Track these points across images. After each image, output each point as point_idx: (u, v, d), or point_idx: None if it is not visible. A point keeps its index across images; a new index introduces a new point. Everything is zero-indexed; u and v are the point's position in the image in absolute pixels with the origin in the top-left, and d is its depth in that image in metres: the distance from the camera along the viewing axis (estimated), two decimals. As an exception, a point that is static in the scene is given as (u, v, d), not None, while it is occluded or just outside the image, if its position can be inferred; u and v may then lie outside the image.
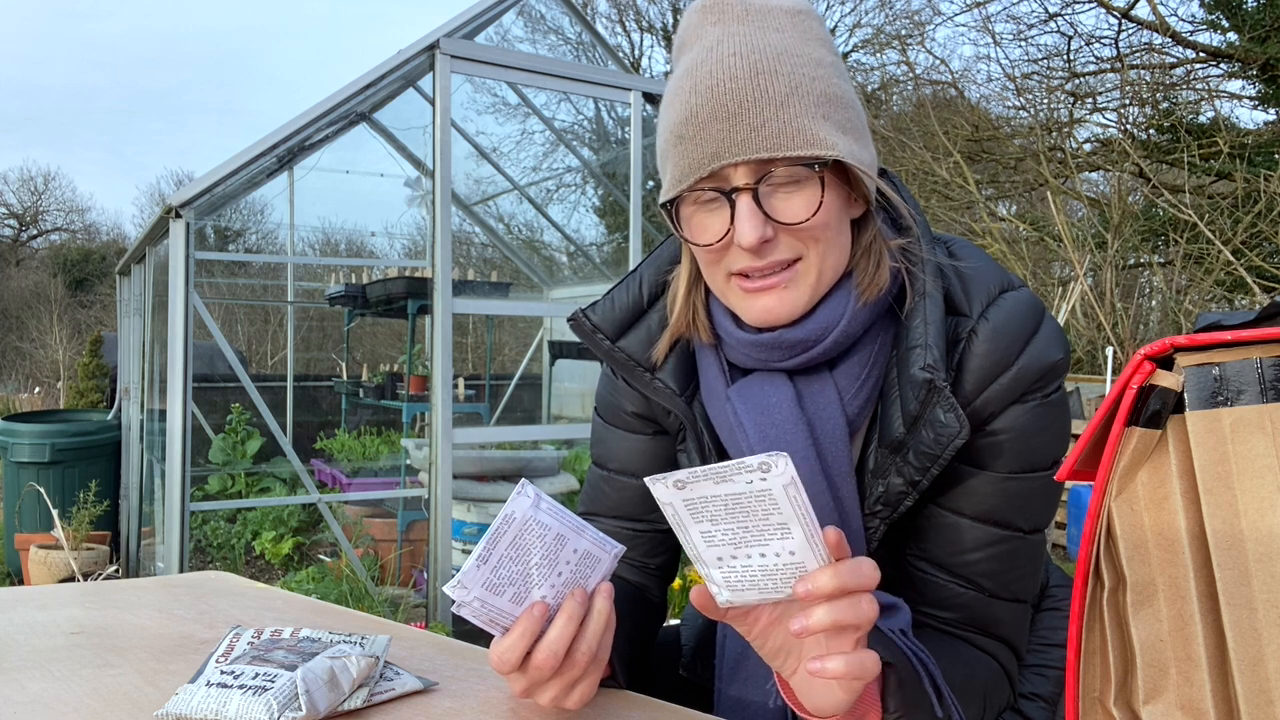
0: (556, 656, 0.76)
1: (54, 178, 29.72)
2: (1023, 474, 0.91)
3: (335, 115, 3.59)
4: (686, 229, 0.90)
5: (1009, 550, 0.92)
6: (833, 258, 0.89)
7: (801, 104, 0.83)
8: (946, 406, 0.86)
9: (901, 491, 0.91)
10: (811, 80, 0.85)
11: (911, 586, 0.96)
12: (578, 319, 1.03)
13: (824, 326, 0.90)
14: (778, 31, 0.86)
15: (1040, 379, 0.90)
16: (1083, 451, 0.65)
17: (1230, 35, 10.39)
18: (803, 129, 0.83)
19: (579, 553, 0.77)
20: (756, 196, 0.85)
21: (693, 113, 0.85)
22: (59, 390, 12.16)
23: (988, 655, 0.94)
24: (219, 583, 1.30)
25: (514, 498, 0.73)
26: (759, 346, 0.92)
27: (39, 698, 0.84)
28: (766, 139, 0.82)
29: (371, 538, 4.59)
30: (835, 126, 0.85)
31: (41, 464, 5.09)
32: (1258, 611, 0.57)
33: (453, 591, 0.74)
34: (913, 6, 13.34)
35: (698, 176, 0.85)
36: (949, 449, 0.86)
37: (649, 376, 1.00)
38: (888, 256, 0.92)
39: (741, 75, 0.83)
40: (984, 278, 0.93)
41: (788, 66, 0.84)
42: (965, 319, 0.90)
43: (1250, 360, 0.58)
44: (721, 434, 0.97)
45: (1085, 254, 9.15)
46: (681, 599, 3.48)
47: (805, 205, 0.85)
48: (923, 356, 0.87)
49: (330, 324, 10.62)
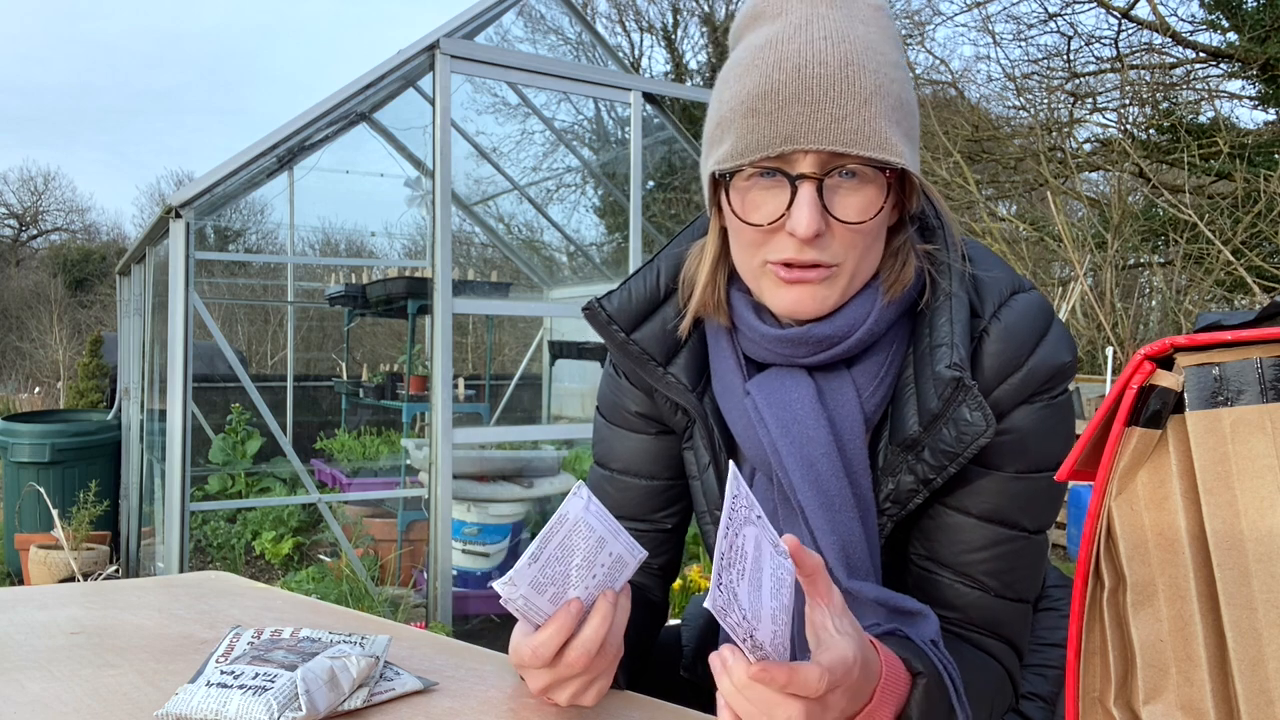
0: (590, 655, 0.77)
1: (54, 178, 29.74)
2: (1029, 474, 0.91)
3: (335, 115, 3.59)
4: (738, 204, 0.88)
5: (1014, 550, 0.92)
6: (869, 263, 0.89)
7: (883, 104, 0.82)
8: (974, 405, 0.85)
9: (912, 490, 0.90)
10: (891, 82, 0.83)
11: (916, 586, 0.96)
12: (593, 309, 1.01)
13: (851, 323, 0.89)
14: (864, 24, 0.85)
15: (1049, 380, 0.90)
16: (1083, 451, 0.65)
17: (1230, 35, 10.39)
18: (879, 130, 0.82)
19: (613, 556, 0.77)
20: (820, 187, 0.83)
21: (774, 88, 0.82)
22: (59, 390, 12.16)
23: (991, 657, 0.94)
24: (219, 583, 1.30)
25: (570, 498, 0.74)
26: (784, 342, 0.91)
27: (39, 698, 0.84)
28: (846, 133, 0.81)
29: (371, 538, 4.59)
30: (903, 134, 0.84)
31: (41, 464, 5.09)
32: (1258, 611, 0.57)
33: (502, 589, 0.74)
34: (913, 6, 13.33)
35: (765, 154, 0.83)
36: (971, 447, 0.86)
37: (661, 370, 0.99)
38: (914, 258, 0.92)
39: (831, 62, 0.81)
40: (996, 279, 0.93)
41: (874, 63, 0.83)
42: (978, 319, 0.91)
43: (1250, 360, 0.58)
44: (735, 429, 0.96)
45: (1085, 254, 9.15)
46: (682, 599, 3.48)
47: (864, 206, 0.84)
48: (949, 355, 0.86)
49: (330, 324, 10.62)
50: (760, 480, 0.97)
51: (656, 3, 15.99)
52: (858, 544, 0.90)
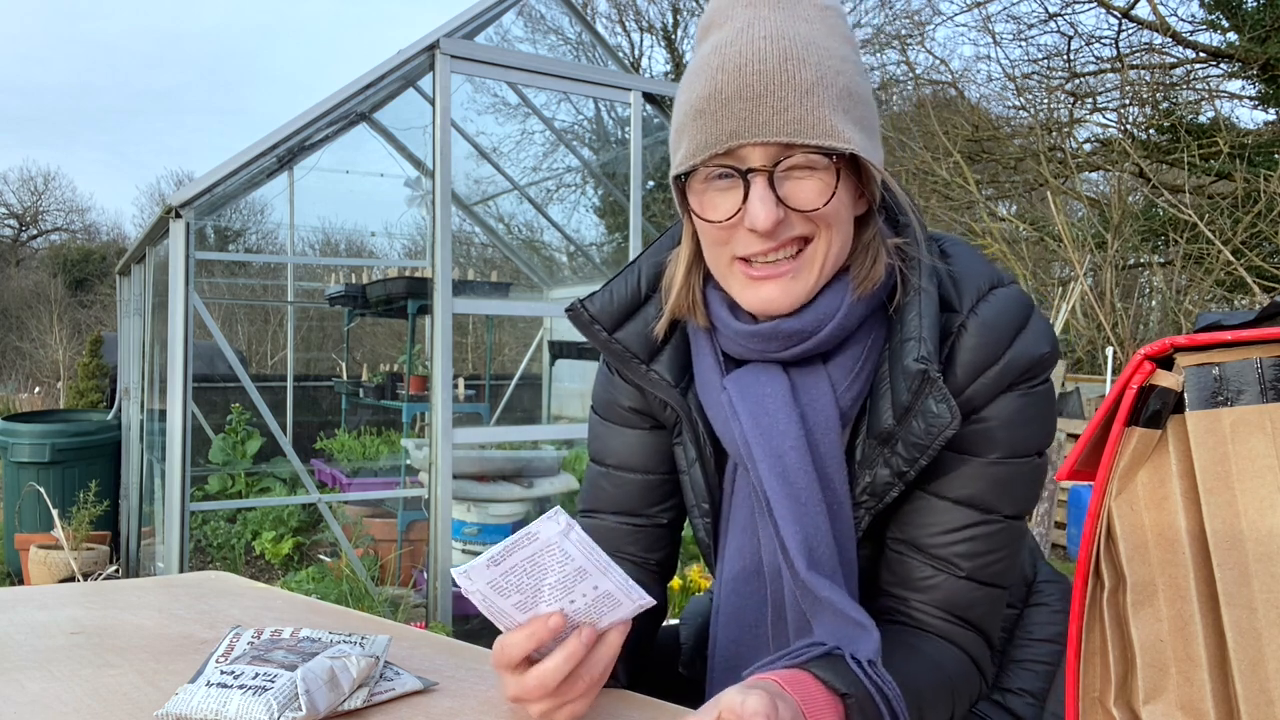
0: (545, 688, 0.77)
1: (54, 178, 29.69)
2: (1007, 460, 0.92)
3: (335, 115, 3.59)
4: (697, 205, 0.91)
5: (988, 533, 0.93)
6: (838, 246, 0.90)
7: (825, 94, 0.84)
8: (939, 397, 0.87)
9: (888, 483, 0.92)
10: (836, 74, 0.86)
11: (888, 568, 0.96)
12: (576, 310, 1.03)
13: (821, 318, 0.91)
14: (807, 22, 0.88)
15: (1027, 371, 0.91)
16: (1083, 451, 0.65)
17: (1230, 35, 10.39)
18: (823, 119, 0.84)
19: (599, 590, 0.76)
20: (771, 180, 0.86)
21: (717, 89, 0.85)
22: (59, 390, 12.16)
23: (957, 648, 0.94)
24: (219, 583, 1.30)
25: (544, 520, 0.73)
26: (756, 337, 0.93)
27: (39, 698, 0.84)
28: (788, 124, 0.83)
29: (371, 538, 4.59)
30: (853, 122, 0.87)
31: (41, 464, 5.09)
32: (1258, 611, 0.57)
33: (459, 577, 0.75)
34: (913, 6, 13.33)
35: (713, 152, 0.86)
36: (939, 439, 0.88)
37: (644, 368, 1.01)
38: (884, 254, 0.93)
39: (771, 59, 0.84)
40: (975, 274, 0.94)
41: (815, 56, 0.85)
42: (955, 314, 0.92)
43: (1250, 360, 0.58)
44: (716, 424, 0.98)
45: (1085, 254, 9.15)
46: (681, 599, 3.48)
47: (819, 193, 0.86)
48: (917, 349, 0.88)
49: (330, 324, 10.62)
50: (741, 475, 0.98)
51: (656, 3, 15.99)
52: (822, 537, 0.91)
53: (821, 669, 0.80)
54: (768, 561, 0.96)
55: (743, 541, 0.99)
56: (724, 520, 1.02)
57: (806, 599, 0.90)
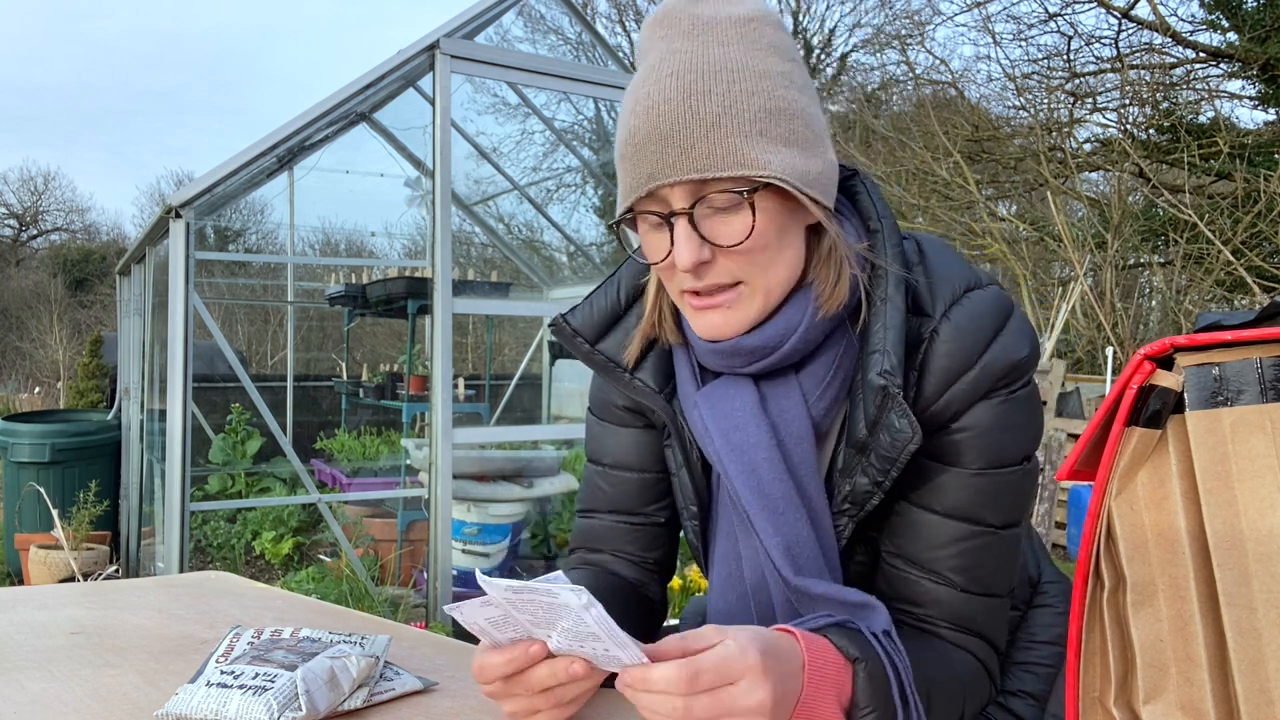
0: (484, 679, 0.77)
1: (54, 178, 29.68)
2: (991, 470, 0.91)
3: (335, 115, 3.59)
4: (642, 246, 0.92)
5: (980, 546, 0.92)
6: (780, 274, 0.89)
7: (735, 123, 0.83)
8: (900, 413, 0.86)
9: (868, 491, 0.91)
10: (750, 96, 0.84)
11: (886, 582, 0.96)
12: (558, 324, 1.04)
13: (782, 333, 0.90)
14: (721, 46, 0.86)
15: (1005, 376, 0.90)
16: (1083, 451, 0.65)
17: (1230, 35, 10.39)
18: (733, 149, 0.83)
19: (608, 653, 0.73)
20: (693, 220, 0.85)
21: (631, 133, 0.85)
22: (59, 390, 12.16)
23: (965, 652, 0.94)
24: (219, 583, 1.30)
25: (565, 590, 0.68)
26: (719, 354, 0.93)
27: (39, 698, 0.84)
28: (696, 160, 0.83)
29: (371, 538, 4.59)
30: (775, 142, 0.84)
31: (41, 464, 5.09)
32: (1258, 611, 0.57)
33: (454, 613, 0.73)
34: (913, 6, 13.34)
35: (637, 196, 0.86)
36: (904, 454, 0.87)
37: (628, 377, 1.01)
38: (848, 265, 0.91)
39: (675, 97, 0.83)
40: (950, 277, 0.92)
41: (723, 85, 0.84)
42: (928, 319, 0.90)
43: (1250, 360, 0.58)
44: (696, 435, 0.98)
45: (1085, 254, 9.15)
46: (681, 599, 3.48)
47: (740, 227, 0.85)
48: (880, 362, 0.87)
49: (330, 324, 10.62)
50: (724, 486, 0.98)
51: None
52: (805, 544, 0.91)
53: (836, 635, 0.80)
54: (749, 571, 0.96)
55: (727, 547, 0.99)
56: (713, 523, 1.02)
57: (803, 603, 0.90)
